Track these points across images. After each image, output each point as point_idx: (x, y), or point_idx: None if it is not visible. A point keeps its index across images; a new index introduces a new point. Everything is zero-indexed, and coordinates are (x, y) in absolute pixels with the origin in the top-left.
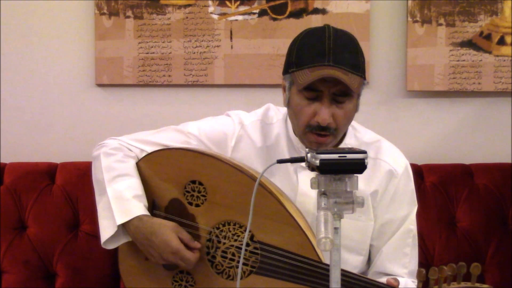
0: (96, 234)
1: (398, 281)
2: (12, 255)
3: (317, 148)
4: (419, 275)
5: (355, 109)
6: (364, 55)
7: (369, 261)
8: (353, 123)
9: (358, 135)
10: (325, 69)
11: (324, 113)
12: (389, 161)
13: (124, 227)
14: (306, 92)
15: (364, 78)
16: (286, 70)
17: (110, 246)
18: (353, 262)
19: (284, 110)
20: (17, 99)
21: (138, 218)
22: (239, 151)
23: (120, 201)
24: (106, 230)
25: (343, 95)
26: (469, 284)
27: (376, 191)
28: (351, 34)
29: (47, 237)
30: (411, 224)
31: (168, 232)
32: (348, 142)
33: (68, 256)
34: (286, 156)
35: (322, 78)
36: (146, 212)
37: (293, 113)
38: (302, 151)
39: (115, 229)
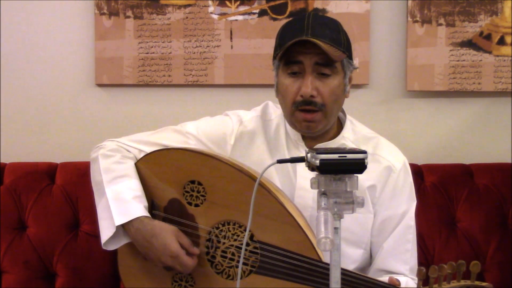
0: (96, 234)
1: (399, 281)
2: (12, 255)
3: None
4: (419, 274)
5: (342, 89)
6: (364, 55)
7: (371, 259)
8: (351, 118)
9: (356, 129)
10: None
11: (305, 85)
12: (388, 157)
13: (124, 228)
14: (287, 68)
15: (349, 57)
16: (273, 58)
17: (111, 247)
18: (352, 256)
19: None
20: (17, 99)
21: (139, 220)
22: (241, 147)
23: (119, 202)
24: (105, 231)
25: (325, 65)
26: (468, 282)
27: (374, 186)
28: (334, 18)
29: (47, 237)
30: (411, 220)
31: (168, 235)
32: (347, 135)
33: (68, 256)
34: (285, 150)
35: (301, 49)
36: (146, 213)
37: (281, 97)
38: (299, 143)
39: (114, 229)
